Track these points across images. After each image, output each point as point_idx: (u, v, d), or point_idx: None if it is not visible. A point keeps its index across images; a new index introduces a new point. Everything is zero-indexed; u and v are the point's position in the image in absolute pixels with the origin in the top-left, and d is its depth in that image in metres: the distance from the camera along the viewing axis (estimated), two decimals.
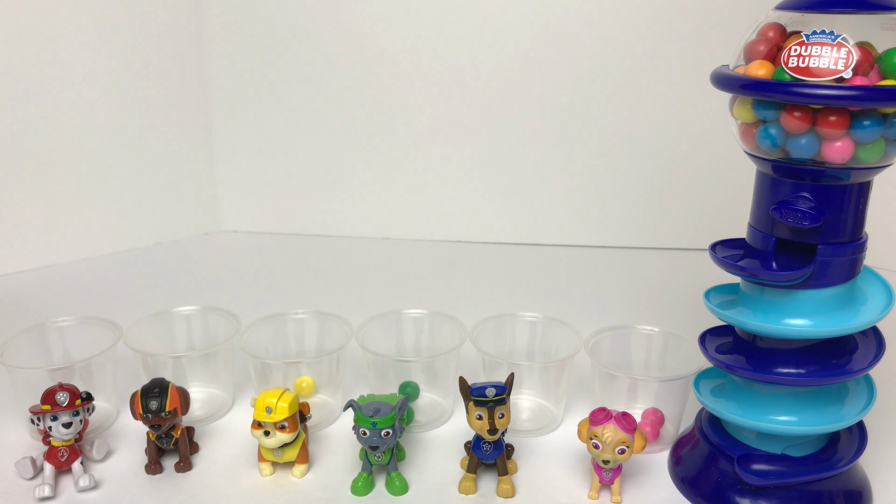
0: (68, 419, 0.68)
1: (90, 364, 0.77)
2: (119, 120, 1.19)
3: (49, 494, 0.67)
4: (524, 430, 0.78)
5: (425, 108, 1.24)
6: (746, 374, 0.63)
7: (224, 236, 1.33)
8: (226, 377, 0.82)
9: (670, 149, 1.21)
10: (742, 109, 0.60)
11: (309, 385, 0.80)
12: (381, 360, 0.79)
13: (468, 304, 1.03)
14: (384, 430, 0.65)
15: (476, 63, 1.20)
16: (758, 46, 0.58)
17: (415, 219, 1.30)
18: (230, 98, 1.27)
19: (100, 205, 1.21)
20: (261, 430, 0.68)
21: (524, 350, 0.85)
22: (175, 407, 0.69)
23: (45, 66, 1.11)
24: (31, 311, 1.02)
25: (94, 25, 1.13)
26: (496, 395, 0.65)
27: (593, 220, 1.27)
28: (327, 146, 1.28)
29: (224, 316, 0.85)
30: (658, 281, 1.15)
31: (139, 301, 1.05)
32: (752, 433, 0.66)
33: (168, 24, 1.20)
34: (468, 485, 0.69)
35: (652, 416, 0.77)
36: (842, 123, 0.55)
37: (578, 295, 1.10)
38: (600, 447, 0.65)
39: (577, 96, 1.20)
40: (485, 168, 1.26)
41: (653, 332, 0.81)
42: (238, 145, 1.30)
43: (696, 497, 0.67)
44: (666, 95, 1.18)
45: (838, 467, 0.65)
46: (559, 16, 1.16)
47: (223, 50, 1.24)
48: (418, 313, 0.85)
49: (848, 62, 0.53)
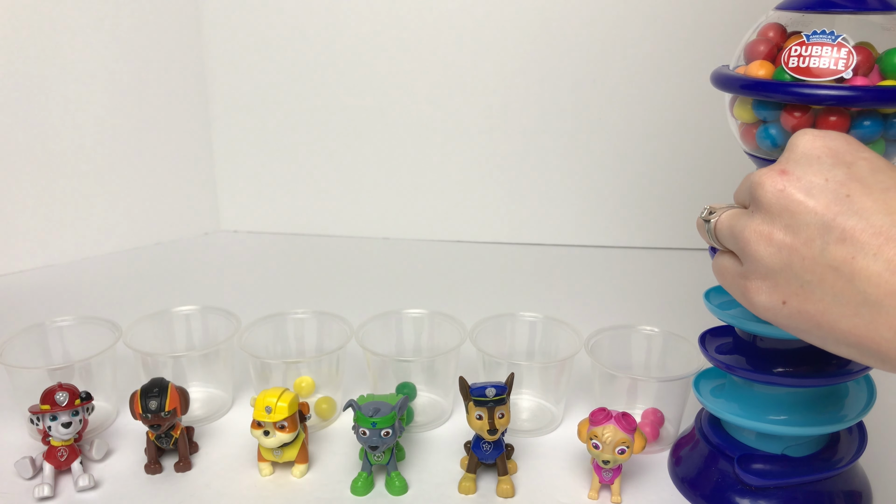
0: (68, 419, 0.68)
1: (90, 364, 0.77)
2: (119, 120, 1.19)
3: (48, 494, 0.67)
4: (524, 430, 0.78)
5: (425, 108, 1.24)
6: (746, 374, 0.63)
7: (224, 236, 1.33)
8: (225, 377, 0.82)
9: (670, 149, 1.21)
10: (742, 110, 0.60)
11: (309, 385, 0.80)
12: (381, 360, 0.79)
13: (468, 304, 1.03)
14: (384, 430, 0.65)
15: (476, 63, 1.20)
16: (758, 46, 0.58)
17: (415, 219, 1.30)
18: (230, 98, 1.27)
19: (100, 205, 1.21)
20: (260, 429, 0.68)
21: (524, 350, 0.85)
22: (175, 407, 0.69)
23: (45, 65, 1.11)
24: (31, 311, 1.02)
25: (94, 25, 1.13)
26: (496, 395, 0.65)
27: (593, 220, 1.27)
28: (327, 146, 1.28)
29: (224, 316, 0.84)
30: (658, 281, 1.15)
31: (139, 301, 1.05)
32: (752, 433, 0.66)
33: (168, 24, 1.20)
34: (468, 485, 0.69)
35: (652, 416, 0.77)
36: (842, 124, 0.55)
37: (578, 295, 1.10)
38: (600, 447, 0.65)
39: (577, 96, 1.20)
40: (485, 168, 1.26)
41: (653, 332, 0.81)
42: (238, 145, 1.30)
43: (696, 497, 0.67)
44: (666, 95, 1.18)
45: (838, 468, 0.65)
46: (559, 16, 1.16)
47: (223, 50, 1.24)
48: (418, 313, 0.85)
49: (848, 62, 0.53)
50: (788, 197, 0.44)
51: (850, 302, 0.43)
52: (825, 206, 0.43)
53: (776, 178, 0.45)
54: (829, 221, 0.43)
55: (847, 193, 0.43)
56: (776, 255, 0.45)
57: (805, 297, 0.44)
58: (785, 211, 0.45)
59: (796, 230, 0.44)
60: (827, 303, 0.44)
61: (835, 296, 0.43)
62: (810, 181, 0.44)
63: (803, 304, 0.45)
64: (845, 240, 0.42)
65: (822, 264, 0.43)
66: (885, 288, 0.41)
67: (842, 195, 0.43)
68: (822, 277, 0.43)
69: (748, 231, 0.46)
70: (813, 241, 0.43)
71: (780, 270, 0.45)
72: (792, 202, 0.44)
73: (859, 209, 0.43)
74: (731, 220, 0.49)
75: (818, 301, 0.44)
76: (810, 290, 0.44)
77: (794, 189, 0.44)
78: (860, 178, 0.44)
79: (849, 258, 0.42)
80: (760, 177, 0.46)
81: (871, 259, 0.42)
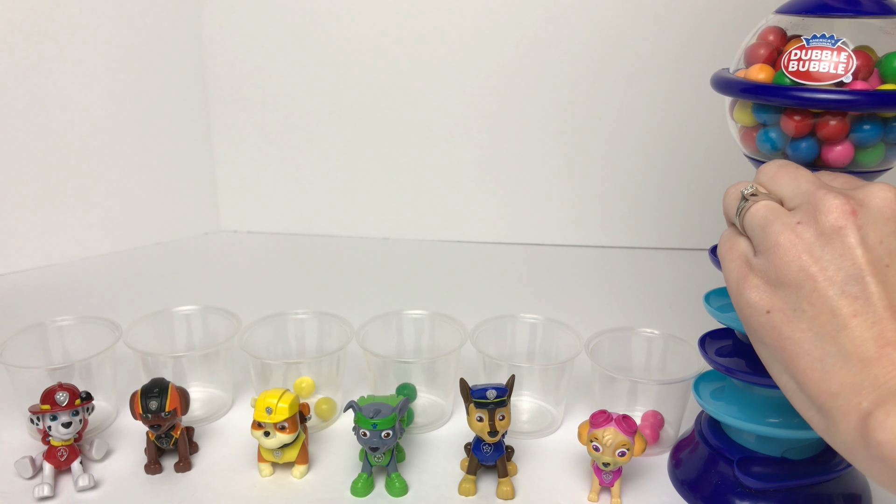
0: (68, 419, 0.68)
1: (90, 364, 0.77)
2: (119, 120, 1.19)
3: (48, 494, 0.67)
4: (524, 431, 0.78)
5: (425, 108, 1.24)
6: (746, 377, 0.63)
7: (224, 236, 1.33)
8: (226, 377, 0.82)
9: (670, 149, 1.21)
10: (742, 113, 0.60)
11: (309, 385, 0.80)
12: (382, 361, 0.79)
13: (468, 305, 1.03)
14: (384, 432, 0.65)
15: (476, 63, 1.20)
16: (758, 50, 0.58)
17: (415, 219, 1.30)
18: (230, 98, 1.27)
19: (100, 205, 1.21)
20: (261, 430, 0.68)
21: (524, 351, 0.85)
22: (175, 407, 0.69)
23: (46, 65, 1.11)
24: (31, 311, 1.02)
25: (94, 25, 1.13)
26: (497, 397, 0.65)
27: (593, 220, 1.27)
28: (327, 146, 1.28)
29: (224, 316, 0.85)
30: (658, 282, 1.15)
31: (139, 301, 1.05)
32: (752, 436, 0.66)
33: (168, 24, 1.20)
34: (468, 486, 0.69)
35: (652, 418, 0.77)
36: (842, 127, 0.55)
37: (579, 295, 1.10)
38: (600, 450, 0.65)
39: (577, 97, 1.20)
40: (485, 168, 1.26)
41: (653, 334, 0.82)
42: (238, 145, 1.30)
43: (696, 500, 0.67)
44: (666, 96, 1.18)
45: (838, 470, 0.65)
46: (559, 16, 1.16)
47: (223, 50, 1.24)
48: (419, 314, 0.85)
49: (848, 66, 0.53)
50: (844, 238, 0.45)
51: (824, 348, 0.44)
52: (867, 262, 0.45)
53: (845, 215, 0.46)
54: (860, 276, 0.44)
55: (887, 264, 0.45)
56: (796, 273, 0.46)
57: (789, 321, 0.46)
58: (830, 246, 0.45)
59: (828, 266, 0.45)
60: (804, 338, 0.45)
61: (815, 335, 0.45)
62: (867, 234, 0.45)
63: (784, 325, 0.46)
64: (859, 298, 0.44)
65: (827, 304, 0.45)
66: (860, 351, 0.43)
67: (884, 263, 0.45)
68: (817, 314, 0.45)
69: (785, 236, 0.46)
70: (835, 283, 0.45)
71: (787, 286, 0.46)
72: (843, 244, 0.45)
73: (888, 282, 0.44)
74: (772, 215, 0.48)
75: (799, 331, 0.46)
76: (799, 318, 0.46)
77: (853, 234, 0.45)
78: None
79: (851, 314, 0.44)
80: (830, 203, 0.46)
81: (868, 324, 0.43)
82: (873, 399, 0.42)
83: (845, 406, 0.43)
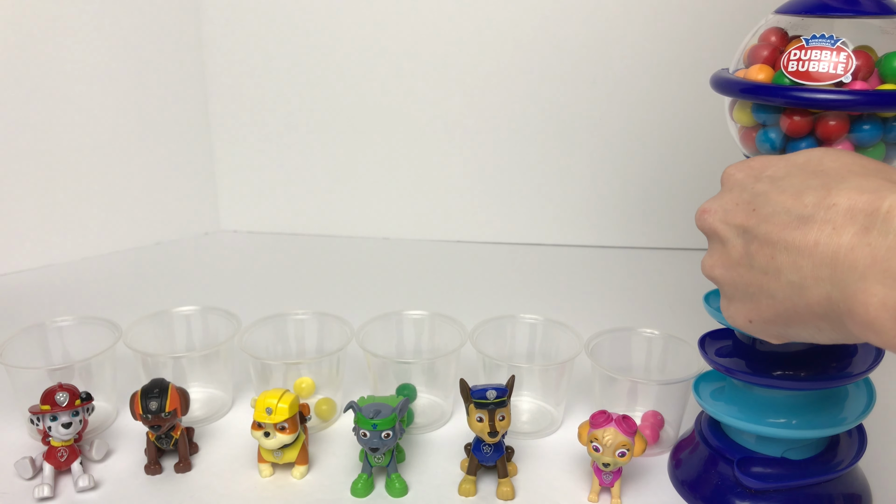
0: (68, 419, 0.68)
1: (90, 364, 0.77)
2: (119, 120, 1.19)
3: (48, 495, 0.67)
4: (524, 432, 0.78)
5: (425, 108, 1.24)
6: (746, 377, 0.63)
7: (224, 236, 1.33)
8: (226, 377, 0.82)
9: (670, 149, 1.21)
10: (742, 113, 0.60)
11: (309, 386, 0.80)
12: (382, 362, 0.79)
13: (468, 305, 1.03)
14: (384, 432, 0.65)
15: (476, 63, 1.20)
16: (758, 50, 0.58)
17: (415, 219, 1.30)
18: (230, 98, 1.27)
19: (100, 205, 1.21)
20: (261, 431, 0.68)
21: (524, 352, 0.85)
22: (175, 407, 0.69)
23: (45, 65, 1.11)
24: (31, 311, 1.02)
25: (94, 25, 1.13)
26: (497, 398, 0.65)
27: (593, 220, 1.27)
28: (327, 146, 1.28)
29: (224, 316, 0.85)
30: (658, 282, 1.15)
31: (139, 301, 1.05)
32: (752, 436, 0.66)
33: (168, 24, 1.20)
34: (468, 487, 0.69)
35: (652, 418, 0.77)
36: (841, 127, 0.55)
37: (579, 296, 1.10)
38: (600, 450, 0.65)
39: (577, 97, 1.20)
40: (485, 168, 1.26)
41: (653, 334, 0.81)
42: (238, 145, 1.30)
43: (696, 500, 0.67)
44: (666, 96, 1.18)
45: (838, 470, 0.65)
46: (559, 16, 1.16)
47: (223, 50, 1.24)
48: (419, 314, 0.85)
49: (847, 66, 0.53)
50: (716, 230, 0.50)
51: (793, 282, 0.45)
52: (743, 220, 0.48)
53: (700, 217, 0.51)
54: (749, 228, 0.47)
55: (753, 208, 0.48)
56: (723, 277, 0.50)
57: (756, 308, 0.48)
58: (715, 235, 0.50)
59: (727, 251, 0.49)
60: (773, 298, 0.46)
61: (774, 291, 0.46)
62: (724, 207, 0.50)
63: (758, 313, 0.48)
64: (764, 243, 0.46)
65: (754, 272, 0.47)
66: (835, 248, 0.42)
67: (751, 207, 0.48)
68: (760, 283, 0.47)
69: (703, 267, 0.52)
70: (742, 255, 0.48)
71: (732, 290, 0.50)
72: (720, 234, 0.50)
73: (764, 211, 0.46)
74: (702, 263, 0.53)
75: (766, 306, 0.47)
76: (757, 300, 0.48)
77: (712, 218, 0.50)
78: (763, 193, 0.48)
79: (769, 256, 0.46)
80: (697, 220, 0.52)
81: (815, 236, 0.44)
82: None
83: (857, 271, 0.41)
